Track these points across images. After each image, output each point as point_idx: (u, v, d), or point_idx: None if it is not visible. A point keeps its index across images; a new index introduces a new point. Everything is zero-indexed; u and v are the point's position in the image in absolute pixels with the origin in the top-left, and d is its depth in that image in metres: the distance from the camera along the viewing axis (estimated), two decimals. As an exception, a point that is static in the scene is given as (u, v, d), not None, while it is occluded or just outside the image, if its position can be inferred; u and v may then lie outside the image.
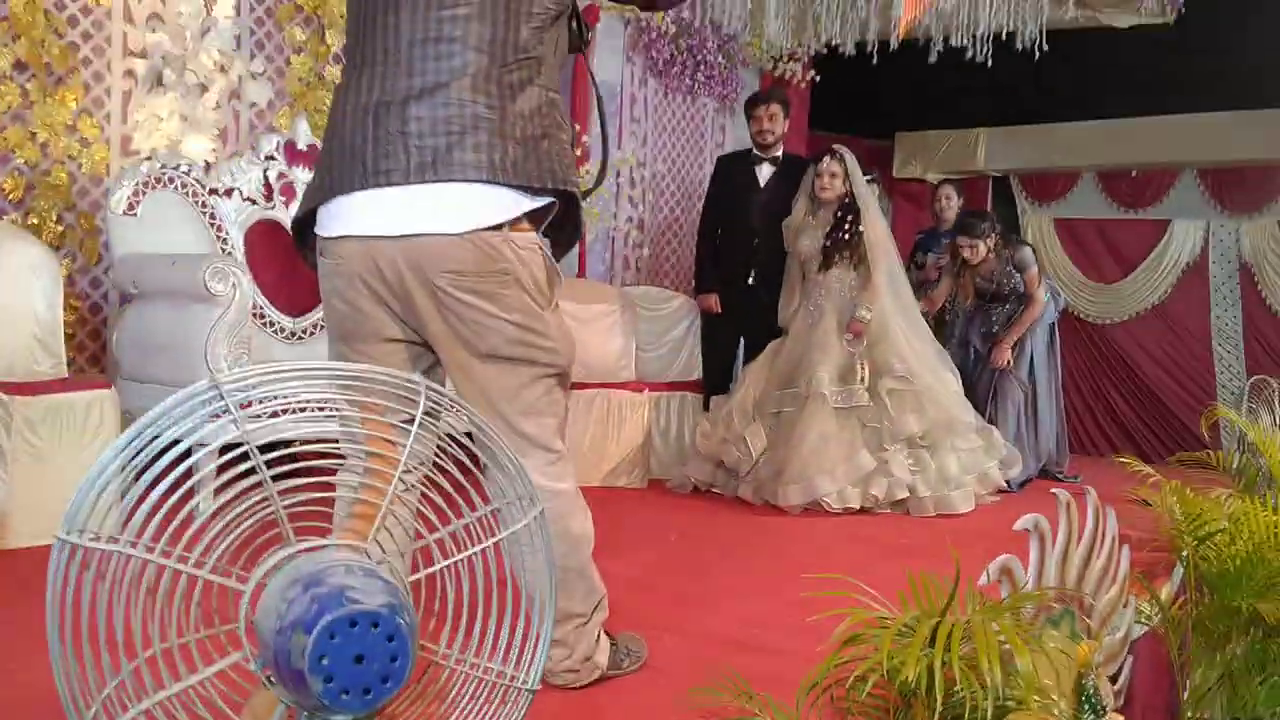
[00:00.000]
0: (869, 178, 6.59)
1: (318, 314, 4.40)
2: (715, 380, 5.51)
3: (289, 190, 4.36)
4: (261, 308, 4.17)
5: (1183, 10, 6.73)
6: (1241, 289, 7.62)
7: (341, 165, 1.97)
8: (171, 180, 4.02)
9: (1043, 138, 8.16)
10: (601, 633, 2.26)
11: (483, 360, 2.00)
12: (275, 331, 4.27)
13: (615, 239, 6.64)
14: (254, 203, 4.27)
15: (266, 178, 4.31)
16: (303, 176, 4.39)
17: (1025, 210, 8.44)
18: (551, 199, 2.03)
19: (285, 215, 4.36)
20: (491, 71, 1.97)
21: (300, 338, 4.36)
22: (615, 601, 2.33)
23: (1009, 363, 5.62)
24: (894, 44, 6.41)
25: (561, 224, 2.12)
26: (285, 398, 1.25)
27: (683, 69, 6.85)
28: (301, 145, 4.40)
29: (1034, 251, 5.90)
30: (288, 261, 4.36)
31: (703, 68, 6.95)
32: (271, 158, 4.32)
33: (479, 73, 1.96)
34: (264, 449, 1.23)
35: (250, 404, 1.23)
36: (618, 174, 6.54)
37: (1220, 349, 7.68)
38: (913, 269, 6.74)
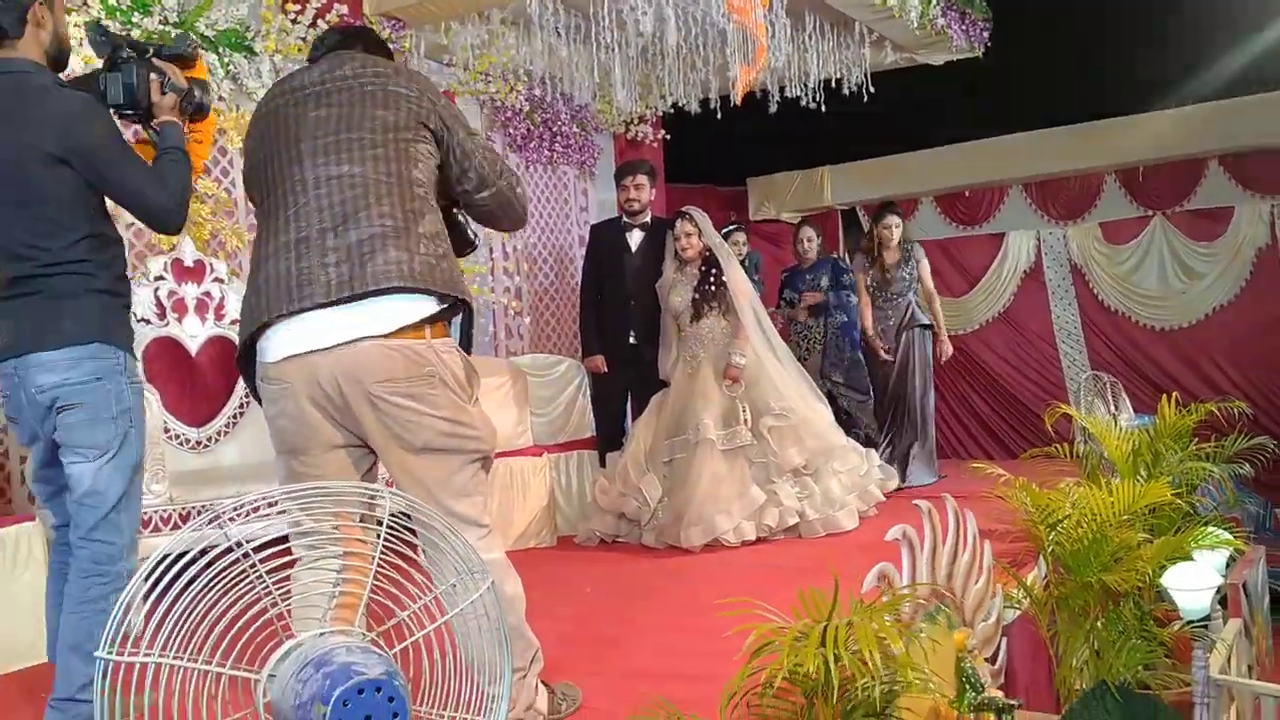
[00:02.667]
0: (734, 225, 7.07)
1: (220, 422, 4.56)
2: (608, 436, 5.78)
3: (180, 306, 4.52)
4: (166, 423, 4.31)
5: (989, 43, 7.40)
6: (1075, 289, 8.29)
7: (270, 294, 2.23)
8: (67, 311, 4.15)
9: (880, 170, 8.78)
10: (539, 682, 2.53)
11: (417, 454, 2.27)
12: (181, 444, 4.41)
13: (495, 311, 6.90)
14: (148, 322, 4.41)
15: (158, 297, 4.45)
16: (193, 292, 4.56)
17: (874, 238, 9.01)
18: (452, 303, 2.33)
19: (179, 330, 4.51)
20: (394, 199, 2.28)
21: (207, 446, 4.50)
22: (544, 655, 2.59)
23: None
24: (735, 100, 6.88)
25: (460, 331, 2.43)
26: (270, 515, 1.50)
27: (540, 141, 7.19)
28: (188, 262, 4.56)
29: None
30: (186, 376, 4.52)
31: (559, 138, 7.30)
32: (161, 277, 4.47)
33: (384, 198, 2.27)
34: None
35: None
36: (490, 249, 6.82)
37: (1064, 345, 8.32)
38: (783, 306, 7.15)
